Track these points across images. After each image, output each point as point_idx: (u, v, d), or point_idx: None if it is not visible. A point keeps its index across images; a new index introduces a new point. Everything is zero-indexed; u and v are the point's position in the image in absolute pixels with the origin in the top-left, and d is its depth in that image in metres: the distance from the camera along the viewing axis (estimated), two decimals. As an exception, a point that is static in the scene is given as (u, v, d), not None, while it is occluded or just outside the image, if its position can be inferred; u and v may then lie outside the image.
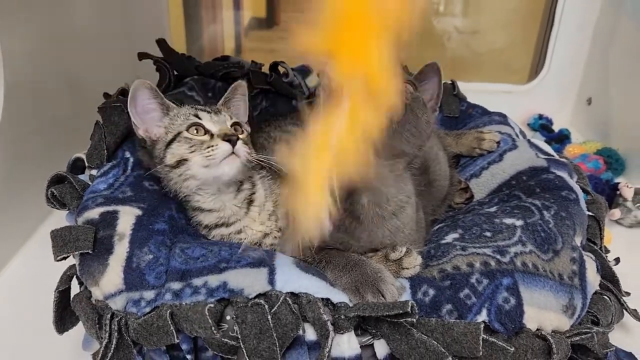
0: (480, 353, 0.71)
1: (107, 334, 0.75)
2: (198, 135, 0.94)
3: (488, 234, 0.87)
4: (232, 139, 0.92)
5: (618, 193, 1.37)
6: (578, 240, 0.92)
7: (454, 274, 0.80)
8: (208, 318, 0.71)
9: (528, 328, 0.76)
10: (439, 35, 2.58)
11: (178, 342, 0.74)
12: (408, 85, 0.85)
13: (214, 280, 0.77)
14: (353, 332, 0.74)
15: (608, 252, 1.04)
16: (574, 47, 1.88)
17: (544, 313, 0.78)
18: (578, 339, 0.78)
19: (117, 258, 0.81)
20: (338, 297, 0.76)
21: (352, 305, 0.74)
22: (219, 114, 0.99)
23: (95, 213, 0.88)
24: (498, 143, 1.16)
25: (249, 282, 0.77)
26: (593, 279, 0.87)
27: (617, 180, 1.47)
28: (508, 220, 0.90)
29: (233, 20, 3.00)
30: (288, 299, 0.74)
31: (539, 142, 1.18)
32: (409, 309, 0.70)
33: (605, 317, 0.86)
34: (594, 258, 0.92)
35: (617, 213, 1.34)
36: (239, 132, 1.00)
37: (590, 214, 1.02)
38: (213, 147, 0.92)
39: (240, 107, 1.09)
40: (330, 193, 0.71)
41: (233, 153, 0.93)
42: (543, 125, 1.85)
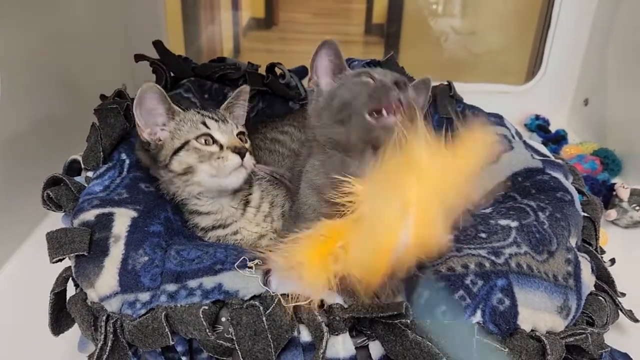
0: (475, 354, 0.71)
1: (102, 336, 0.75)
2: (207, 146, 0.95)
3: (483, 235, 0.87)
4: (241, 152, 0.94)
5: (614, 194, 1.37)
6: (573, 241, 0.92)
7: (449, 275, 0.79)
8: (202, 320, 0.71)
9: (522, 329, 0.76)
10: (436, 36, 2.59)
11: (173, 344, 0.74)
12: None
13: (209, 282, 0.77)
14: (348, 333, 0.74)
15: (603, 253, 1.04)
16: (571, 48, 1.88)
17: (539, 314, 0.78)
18: (572, 340, 0.78)
19: (112, 260, 0.81)
20: (332, 298, 0.76)
21: (346, 307, 0.75)
22: (226, 123, 0.99)
23: (91, 215, 0.88)
24: (494, 144, 1.16)
25: (244, 283, 0.77)
26: (588, 280, 0.87)
27: (613, 181, 1.47)
28: (503, 222, 0.90)
29: (231, 21, 3.00)
30: (283, 301, 0.74)
31: (535, 143, 1.18)
32: (403, 310, 0.70)
33: (600, 317, 0.86)
34: (589, 259, 0.92)
35: (613, 214, 1.34)
36: (244, 141, 1.01)
37: (586, 215, 1.02)
38: (223, 158, 0.93)
39: (242, 111, 1.10)
40: None
41: (242, 165, 0.95)
42: (540, 126, 1.85)
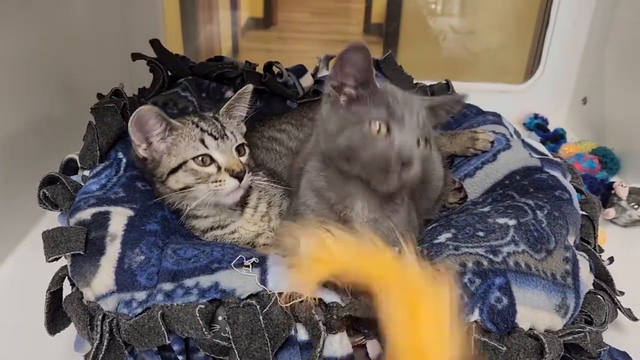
0: (472, 352, 0.71)
1: (98, 335, 0.75)
2: (205, 167, 0.93)
3: (481, 234, 0.87)
4: (239, 176, 0.93)
5: (613, 192, 1.36)
6: (571, 240, 0.91)
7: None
8: (199, 319, 0.71)
9: (520, 328, 0.76)
10: (435, 36, 2.59)
11: (169, 343, 0.74)
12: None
13: (206, 281, 0.77)
14: (345, 332, 0.74)
15: (602, 251, 1.04)
16: (569, 46, 1.88)
17: (537, 312, 0.78)
18: (571, 339, 0.78)
19: (108, 259, 0.81)
20: (330, 297, 0.76)
21: (344, 305, 0.74)
22: (225, 140, 0.96)
23: (87, 214, 0.87)
24: (492, 143, 1.16)
25: (241, 282, 0.76)
26: (586, 279, 0.87)
27: (612, 180, 1.47)
28: (501, 220, 0.89)
29: (230, 21, 2.99)
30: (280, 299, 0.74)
31: (533, 141, 1.18)
32: None
33: (599, 316, 0.86)
34: (588, 257, 0.92)
35: (611, 212, 1.34)
36: (244, 153, 0.99)
37: (584, 214, 1.02)
38: (220, 182, 0.93)
39: (243, 112, 1.06)
40: None
41: (240, 187, 0.94)
42: (538, 125, 1.85)
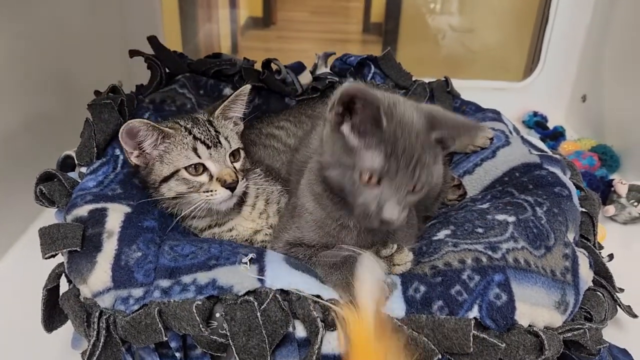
0: (471, 349, 0.70)
1: (95, 332, 0.75)
2: (197, 176, 0.93)
3: (480, 230, 0.86)
4: (231, 186, 0.93)
5: (612, 189, 1.36)
6: (571, 237, 0.91)
7: (446, 271, 0.79)
8: (196, 315, 0.71)
9: (520, 324, 0.75)
10: (434, 34, 2.58)
11: (167, 340, 0.73)
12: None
13: (203, 278, 0.77)
14: (343, 329, 0.73)
15: (602, 248, 1.04)
16: (569, 44, 1.88)
17: (536, 309, 0.77)
18: (570, 335, 0.78)
19: (105, 256, 0.80)
20: (328, 293, 0.76)
21: (342, 302, 0.74)
22: (218, 148, 0.95)
23: (84, 210, 0.87)
24: (491, 140, 1.15)
25: (239, 279, 0.76)
26: (586, 275, 0.87)
27: (611, 177, 1.47)
28: (500, 217, 0.89)
29: (229, 19, 2.99)
30: (278, 296, 0.74)
31: (532, 138, 1.17)
32: None
33: (599, 313, 0.86)
34: (587, 254, 0.91)
35: (611, 209, 1.33)
36: (238, 158, 0.98)
37: (584, 210, 1.01)
38: (212, 192, 0.93)
39: (240, 112, 1.06)
40: None
41: (232, 195, 0.94)
42: (538, 123, 1.85)
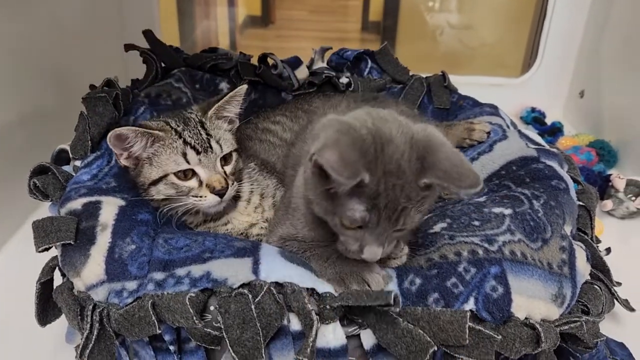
0: (467, 341, 0.70)
1: (88, 325, 0.74)
2: (186, 181, 0.92)
3: (476, 223, 0.86)
4: (220, 193, 0.92)
5: (610, 184, 1.36)
6: (568, 229, 0.90)
7: (441, 263, 0.78)
8: (189, 307, 0.70)
9: (516, 317, 0.75)
10: (433, 31, 2.58)
11: (160, 333, 0.73)
12: None
13: (198, 270, 0.76)
14: (339, 322, 0.73)
15: (599, 242, 1.03)
16: (566, 40, 1.87)
17: (533, 302, 0.77)
18: (567, 328, 0.77)
19: (99, 249, 0.80)
20: (323, 287, 0.75)
21: (336, 295, 0.73)
22: (209, 153, 0.93)
23: (78, 204, 0.86)
24: (488, 133, 1.15)
25: (233, 271, 0.75)
26: (583, 268, 0.86)
27: (609, 172, 1.47)
28: (497, 210, 0.89)
29: (227, 18, 2.99)
30: (272, 289, 0.73)
31: (530, 132, 1.17)
32: (391, 301, 0.69)
33: (596, 306, 0.85)
34: (584, 247, 0.91)
35: (609, 204, 1.33)
36: (229, 161, 0.96)
37: (581, 204, 1.01)
38: (201, 197, 0.92)
39: (234, 112, 1.03)
40: None
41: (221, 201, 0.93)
42: (536, 118, 1.84)
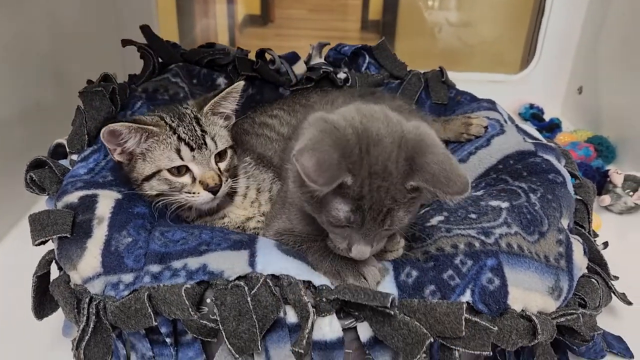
0: (463, 333, 0.70)
1: (84, 318, 0.74)
2: (179, 177, 0.91)
3: (473, 216, 0.86)
4: (214, 190, 0.92)
5: (608, 180, 1.36)
6: (565, 223, 0.90)
7: (438, 255, 0.78)
8: (185, 299, 0.70)
9: (512, 309, 0.75)
10: (431, 28, 2.58)
11: (157, 325, 0.73)
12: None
13: (194, 263, 0.76)
14: (335, 315, 0.73)
15: (596, 236, 1.03)
16: (564, 36, 1.87)
17: (529, 294, 0.77)
18: (564, 320, 0.77)
19: (95, 242, 0.80)
20: (319, 279, 0.75)
21: (333, 288, 0.73)
22: (203, 150, 0.92)
23: (75, 197, 0.86)
24: (486, 128, 1.15)
25: (229, 264, 0.75)
26: (580, 262, 0.86)
27: (607, 168, 1.47)
28: (493, 203, 0.89)
29: (226, 16, 2.99)
30: (268, 281, 0.73)
31: (527, 127, 1.17)
32: (389, 304, 0.69)
33: (593, 299, 0.85)
34: (582, 241, 0.91)
35: (607, 199, 1.33)
36: (224, 158, 0.96)
37: (578, 198, 1.01)
38: (194, 194, 0.91)
39: (231, 108, 1.02)
40: None
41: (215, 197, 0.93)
42: (534, 115, 1.85)
